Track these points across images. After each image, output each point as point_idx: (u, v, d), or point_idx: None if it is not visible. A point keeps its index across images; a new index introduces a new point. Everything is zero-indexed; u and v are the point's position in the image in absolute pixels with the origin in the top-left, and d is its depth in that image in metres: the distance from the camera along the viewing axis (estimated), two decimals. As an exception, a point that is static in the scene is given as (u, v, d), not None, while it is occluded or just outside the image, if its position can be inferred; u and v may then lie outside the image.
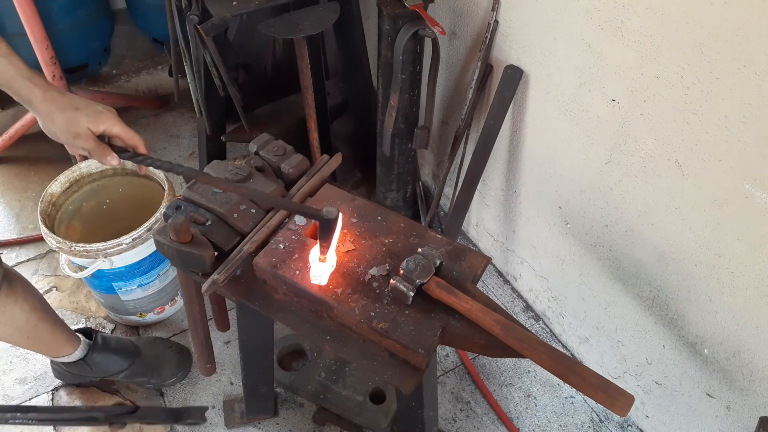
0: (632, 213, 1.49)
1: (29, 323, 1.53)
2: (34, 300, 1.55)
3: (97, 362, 1.75)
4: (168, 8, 2.00)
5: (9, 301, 1.47)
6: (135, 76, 2.92)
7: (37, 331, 1.56)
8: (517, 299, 2.13)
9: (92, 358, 1.73)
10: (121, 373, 1.79)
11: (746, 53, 1.08)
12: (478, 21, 1.74)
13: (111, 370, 1.78)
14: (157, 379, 1.83)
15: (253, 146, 1.34)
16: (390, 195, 2.14)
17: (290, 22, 1.76)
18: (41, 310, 1.57)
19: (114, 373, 1.79)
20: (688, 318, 1.46)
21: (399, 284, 1.06)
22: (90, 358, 1.73)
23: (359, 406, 1.72)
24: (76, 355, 1.71)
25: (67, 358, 1.71)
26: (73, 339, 1.70)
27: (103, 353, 1.75)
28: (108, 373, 1.78)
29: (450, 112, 2.06)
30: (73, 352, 1.70)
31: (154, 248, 1.79)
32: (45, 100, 1.04)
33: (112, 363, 1.77)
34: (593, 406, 1.85)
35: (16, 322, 1.51)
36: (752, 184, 1.17)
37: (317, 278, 1.12)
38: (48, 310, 1.61)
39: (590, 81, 1.44)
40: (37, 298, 1.57)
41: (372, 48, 2.17)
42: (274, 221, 1.23)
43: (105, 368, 1.77)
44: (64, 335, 1.66)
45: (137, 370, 1.81)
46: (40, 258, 2.22)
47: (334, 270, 1.14)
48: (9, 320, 1.50)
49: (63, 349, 1.68)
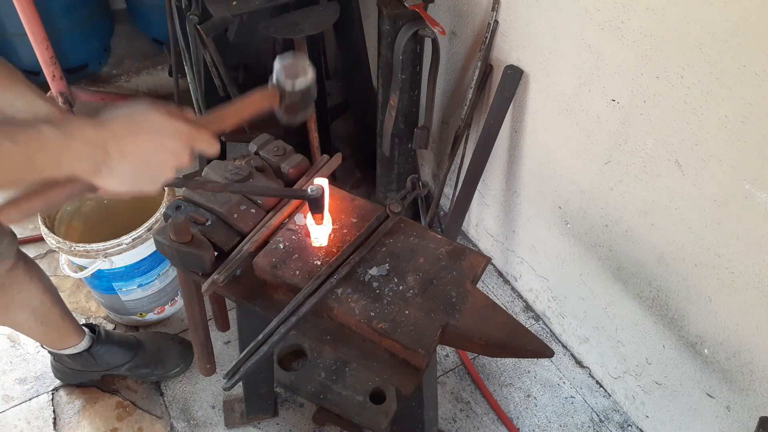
0: (632, 213, 1.49)
1: (44, 305, 1.55)
2: (47, 282, 1.58)
3: (101, 354, 1.75)
4: (168, 8, 2.00)
5: (26, 280, 1.49)
6: (135, 76, 2.92)
7: (50, 315, 1.58)
8: (517, 299, 2.13)
9: (96, 350, 1.74)
10: (125, 366, 1.79)
11: (746, 53, 1.08)
12: (478, 21, 1.74)
13: (115, 363, 1.79)
14: (160, 371, 1.84)
15: (253, 146, 1.34)
16: (390, 195, 2.14)
17: (290, 22, 1.76)
18: (53, 293, 1.60)
19: (118, 366, 1.79)
20: (688, 318, 1.46)
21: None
22: (94, 350, 1.74)
23: (359, 406, 1.72)
24: (82, 346, 1.71)
25: (72, 349, 1.71)
26: (79, 329, 1.71)
27: (106, 345, 1.76)
28: (111, 365, 1.79)
29: (450, 112, 2.06)
30: (79, 342, 1.71)
31: (154, 248, 1.79)
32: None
33: (115, 355, 1.78)
34: (593, 406, 1.85)
35: (32, 303, 1.53)
36: (752, 184, 1.17)
37: (317, 240, 1.18)
38: (58, 295, 1.63)
39: (590, 81, 1.44)
40: (48, 281, 1.59)
41: (372, 48, 2.17)
42: (274, 221, 1.23)
43: (109, 360, 1.77)
44: (72, 324, 1.68)
45: (141, 362, 1.81)
46: (40, 258, 2.22)
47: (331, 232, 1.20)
48: (26, 301, 1.51)
49: (71, 338, 1.69)
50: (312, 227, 1.18)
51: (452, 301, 1.10)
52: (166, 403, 1.84)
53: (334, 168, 1.37)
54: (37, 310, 1.55)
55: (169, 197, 1.75)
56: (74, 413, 1.81)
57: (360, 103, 2.31)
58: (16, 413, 1.81)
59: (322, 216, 1.15)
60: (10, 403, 1.83)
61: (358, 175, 2.45)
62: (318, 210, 1.14)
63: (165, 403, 1.84)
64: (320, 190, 1.12)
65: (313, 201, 1.13)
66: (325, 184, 1.16)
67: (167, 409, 1.83)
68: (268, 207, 1.26)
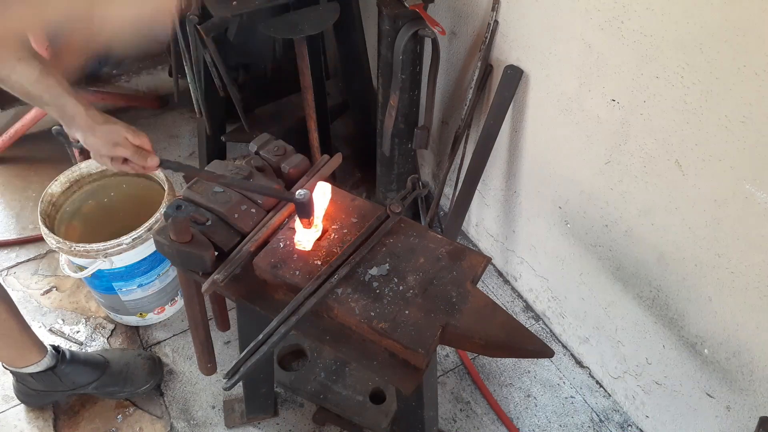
0: (632, 213, 1.49)
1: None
2: (3, 292, 1.52)
3: (67, 373, 1.70)
4: (168, 8, 1.99)
5: None
6: (135, 76, 2.92)
7: (7, 327, 1.53)
8: (517, 299, 2.13)
9: (61, 369, 1.69)
10: (92, 384, 1.75)
11: (746, 53, 1.08)
12: (478, 21, 1.74)
13: (81, 382, 1.74)
14: (129, 388, 1.79)
15: (254, 146, 1.34)
16: (390, 195, 2.14)
17: (290, 22, 1.76)
18: (9, 303, 1.54)
19: (84, 385, 1.74)
20: (688, 318, 1.46)
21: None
22: (59, 369, 1.69)
23: (359, 406, 1.72)
24: (45, 363, 1.66)
25: (35, 366, 1.65)
26: (41, 346, 1.66)
27: (72, 365, 1.71)
28: (78, 384, 1.74)
29: (450, 112, 2.06)
30: (41, 359, 1.65)
31: (154, 248, 1.79)
32: (88, 115, 1.14)
33: (81, 374, 1.73)
34: (593, 406, 1.85)
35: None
36: (752, 184, 1.17)
37: (300, 243, 1.18)
38: (16, 309, 1.58)
39: (590, 81, 1.44)
40: (4, 291, 1.54)
41: (372, 48, 2.17)
42: (274, 221, 1.23)
43: (75, 379, 1.73)
44: (32, 338, 1.63)
45: (108, 380, 1.77)
46: (40, 258, 2.22)
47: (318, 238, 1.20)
48: None
49: (31, 354, 1.63)
50: (298, 229, 1.18)
51: (452, 301, 1.10)
52: (166, 403, 1.84)
53: (335, 168, 1.37)
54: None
55: (170, 197, 1.75)
56: (74, 413, 1.81)
57: (360, 103, 2.31)
58: (16, 413, 1.81)
59: (309, 221, 1.16)
60: (10, 403, 1.83)
61: (358, 175, 2.45)
62: (305, 215, 1.15)
63: (165, 403, 1.84)
64: (308, 196, 1.12)
65: (300, 205, 1.13)
66: (327, 189, 1.16)
67: (167, 409, 1.83)
68: (269, 207, 1.26)
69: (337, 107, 2.39)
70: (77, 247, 1.65)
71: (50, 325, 2.02)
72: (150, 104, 2.80)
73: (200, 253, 1.14)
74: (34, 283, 2.15)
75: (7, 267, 2.20)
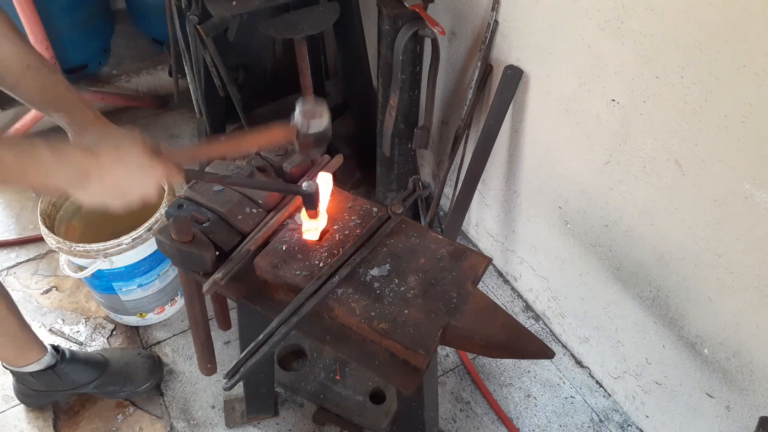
0: (632, 213, 1.50)
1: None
2: (2, 289, 1.52)
3: (67, 372, 1.70)
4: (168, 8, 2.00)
5: None
6: (135, 76, 2.92)
7: (7, 325, 1.53)
8: (517, 299, 2.13)
9: (61, 368, 1.69)
10: (92, 384, 1.74)
11: (746, 53, 1.08)
12: (478, 21, 1.74)
13: (81, 381, 1.73)
14: (129, 387, 1.79)
15: (254, 146, 1.34)
16: (390, 195, 2.14)
17: (290, 22, 1.76)
18: (8, 301, 1.54)
19: (84, 384, 1.74)
20: (688, 318, 1.46)
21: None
22: (59, 368, 1.68)
23: (359, 406, 1.72)
24: (45, 361, 1.65)
25: (35, 365, 1.65)
26: (41, 344, 1.66)
27: (72, 364, 1.71)
28: (78, 384, 1.74)
29: (450, 112, 2.07)
30: (41, 357, 1.64)
31: (154, 248, 1.79)
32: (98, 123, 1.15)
33: (81, 373, 1.73)
34: (593, 406, 1.86)
35: None
36: (752, 184, 1.18)
37: (308, 233, 1.18)
38: (15, 308, 1.57)
39: (590, 81, 1.45)
40: (3, 289, 1.53)
41: (372, 48, 2.17)
42: (275, 221, 1.23)
43: (75, 379, 1.72)
44: (32, 337, 1.62)
45: (108, 380, 1.76)
46: (40, 258, 2.22)
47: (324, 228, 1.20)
48: None
49: (31, 353, 1.63)
50: (305, 220, 1.19)
51: (453, 302, 1.10)
52: (166, 403, 1.84)
53: (335, 168, 1.37)
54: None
55: (170, 197, 1.75)
56: (74, 413, 1.81)
57: (360, 103, 2.31)
58: (16, 413, 1.81)
59: (315, 213, 1.17)
60: (10, 403, 1.83)
61: (358, 175, 2.45)
62: (311, 206, 1.15)
63: (165, 403, 1.84)
64: (314, 187, 1.13)
65: (307, 197, 1.13)
66: (328, 178, 1.17)
67: (167, 409, 1.83)
68: (269, 207, 1.26)
69: (337, 107, 2.39)
70: (77, 247, 1.65)
71: (50, 325, 2.02)
72: (150, 104, 2.79)
73: (201, 252, 1.14)
74: (34, 283, 2.15)
75: (7, 267, 2.20)
